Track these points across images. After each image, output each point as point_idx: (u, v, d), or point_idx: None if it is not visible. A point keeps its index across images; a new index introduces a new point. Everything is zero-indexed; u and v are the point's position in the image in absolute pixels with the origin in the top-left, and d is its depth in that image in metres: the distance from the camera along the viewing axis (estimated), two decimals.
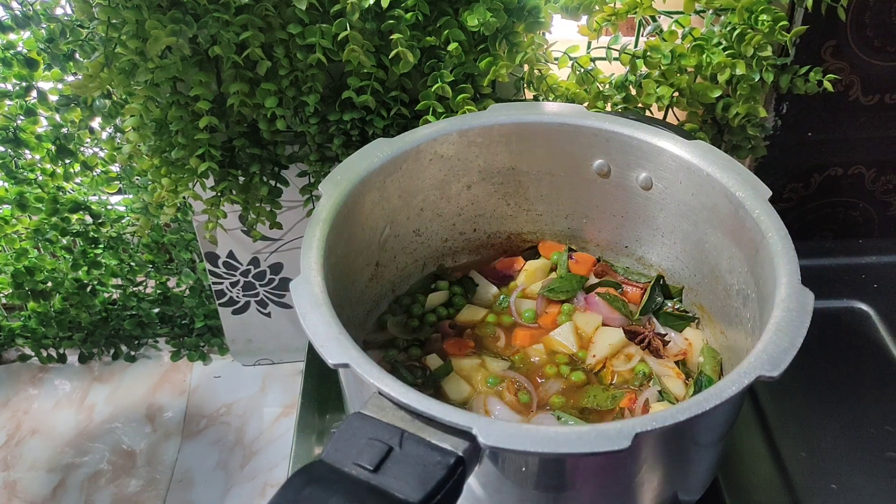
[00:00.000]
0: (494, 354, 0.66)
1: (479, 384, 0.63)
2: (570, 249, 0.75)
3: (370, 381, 0.45)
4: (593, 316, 0.68)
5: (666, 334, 0.67)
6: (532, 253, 0.76)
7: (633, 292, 0.72)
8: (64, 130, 0.98)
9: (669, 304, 0.70)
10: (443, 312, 0.70)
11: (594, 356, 0.65)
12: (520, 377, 0.64)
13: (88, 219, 1.13)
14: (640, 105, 0.82)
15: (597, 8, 0.77)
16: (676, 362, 0.65)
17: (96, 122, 0.88)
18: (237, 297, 1.14)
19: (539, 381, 0.64)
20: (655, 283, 0.70)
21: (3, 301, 1.26)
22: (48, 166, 1.04)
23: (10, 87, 0.93)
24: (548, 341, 0.67)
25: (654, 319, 0.69)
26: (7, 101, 0.95)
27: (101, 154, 1.04)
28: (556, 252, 0.74)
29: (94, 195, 1.13)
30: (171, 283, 1.27)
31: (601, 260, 0.75)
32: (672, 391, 0.62)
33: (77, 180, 1.09)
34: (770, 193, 0.58)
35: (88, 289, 1.21)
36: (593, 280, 0.73)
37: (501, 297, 0.72)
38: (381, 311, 0.71)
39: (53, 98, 0.91)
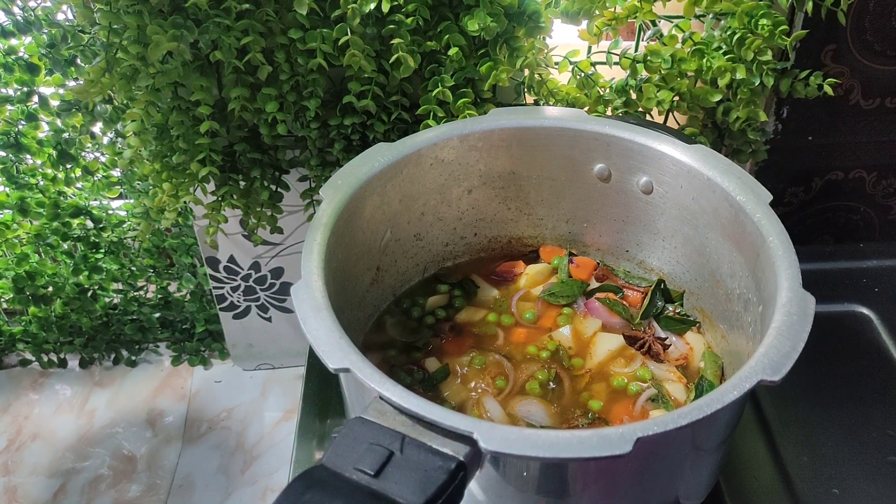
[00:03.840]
0: (491, 351, 0.66)
1: (470, 374, 0.63)
2: (571, 254, 0.75)
3: (371, 386, 0.45)
4: (593, 321, 0.68)
5: (667, 338, 0.67)
6: (533, 257, 0.76)
7: (634, 296, 0.72)
8: (65, 135, 0.98)
9: (670, 309, 0.70)
10: (441, 314, 0.70)
11: (592, 361, 0.65)
12: (503, 359, 0.64)
13: (89, 223, 1.13)
14: (640, 109, 0.82)
15: (597, 12, 0.77)
16: (678, 366, 0.65)
17: (97, 127, 0.88)
18: (238, 301, 1.14)
19: (523, 366, 0.64)
20: (656, 288, 0.70)
21: (4, 306, 1.26)
22: (49, 171, 1.04)
23: (11, 92, 0.94)
24: (546, 340, 0.67)
25: (655, 324, 0.69)
26: (8, 106, 0.95)
27: (102, 159, 1.04)
28: (557, 257, 0.74)
29: (95, 200, 1.13)
30: (172, 287, 1.27)
31: (602, 264, 0.75)
32: (673, 395, 0.62)
33: (78, 185, 1.09)
34: (771, 197, 0.58)
35: (89, 293, 1.21)
36: (594, 284, 0.73)
37: (502, 299, 0.72)
38: (381, 315, 0.71)
39: (55, 103, 0.91)
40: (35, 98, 0.94)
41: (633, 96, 0.82)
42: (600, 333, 0.67)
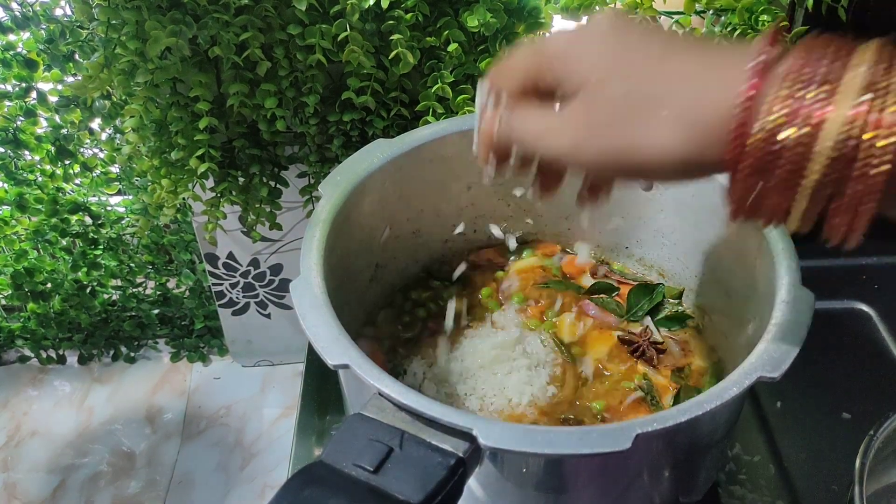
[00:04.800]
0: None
1: None
2: (564, 251, 0.75)
3: (370, 382, 0.45)
4: (586, 319, 0.69)
5: (662, 343, 0.67)
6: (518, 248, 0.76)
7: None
8: (63, 131, 0.98)
9: (667, 308, 0.70)
10: (433, 307, 0.70)
11: (588, 361, 0.65)
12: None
13: (88, 220, 1.13)
14: None
15: (597, 8, 0.76)
16: (672, 371, 0.65)
17: (96, 123, 0.88)
18: (237, 298, 1.14)
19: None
20: (637, 288, 0.70)
21: (3, 302, 1.26)
22: (48, 167, 1.04)
23: (9, 88, 0.93)
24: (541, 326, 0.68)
25: (652, 327, 0.68)
26: (7, 102, 0.95)
27: (101, 155, 1.04)
28: (547, 259, 0.74)
29: (94, 196, 1.13)
30: (171, 284, 1.27)
31: (597, 260, 0.75)
32: (663, 400, 0.62)
33: (77, 181, 1.09)
34: None
35: (88, 290, 1.21)
36: (589, 279, 0.73)
37: (492, 290, 0.72)
38: (379, 310, 0.71)
39: (53, 99, 0.91)
40: (33, 94, 0.94)
41: None
42: (594, 332, 0.68)
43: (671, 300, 0.70)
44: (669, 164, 0.35)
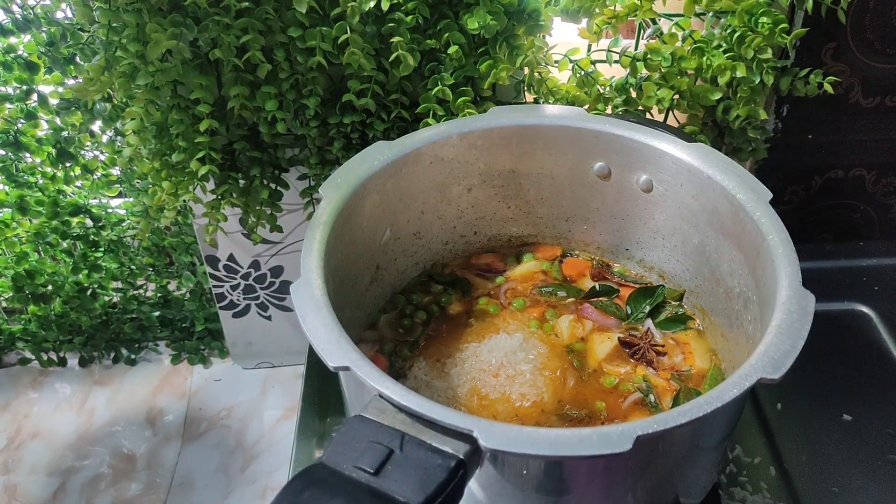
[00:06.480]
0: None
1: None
2: (564, 255, 0.76)
3: (371, 384, 0.45)
4: (586, 322, 0.69)
5: (663, 346, 0.67)
6: (515, 254, 0.76)
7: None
8: (64, 134, 0.98)
9: (668, 309, 0.70)
10: (435, 310, 0.70)
11: (588, 364, 0.65)
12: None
13: (89, 222, 1.13)
14: (640, 107, 0.82)
15: (597, 11, 0.77)
16: (673, 373, 0.65)
17: (97, 126, 0.88)
18: (238, 300, 1.14)
19: None
20: (638, 292, 0.70)
21: (4, 304, 1.26)
22: (49, 170, 1.04)
23: (10, 90, 0.93)
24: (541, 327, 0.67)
25: (653, 329, 0.68)
26: (8, 105, 0.95)
27: (102, 157, 1.04)
28: (547, 263, 0.75)
29: (95, 198, 1.13)
30: (172, 286, 1.26)
31: (597, 262, 0.75)
32: (663, 402, 0.62)
33: (77, 184, 1.09)
34: (770, 196, 0.58)
35: (89, 292, 1.21)
36: (589, 282, 0.73)
37: (493, 292, 0.72)
38: (379, 313, 0.71)
39: (54, 101, 0.91)
40: (34, 96, 0.94)
41: (633, 94, 0.82)
42: (594, 334, 0.68)
43: (672, 302, 0.70)
44: None
